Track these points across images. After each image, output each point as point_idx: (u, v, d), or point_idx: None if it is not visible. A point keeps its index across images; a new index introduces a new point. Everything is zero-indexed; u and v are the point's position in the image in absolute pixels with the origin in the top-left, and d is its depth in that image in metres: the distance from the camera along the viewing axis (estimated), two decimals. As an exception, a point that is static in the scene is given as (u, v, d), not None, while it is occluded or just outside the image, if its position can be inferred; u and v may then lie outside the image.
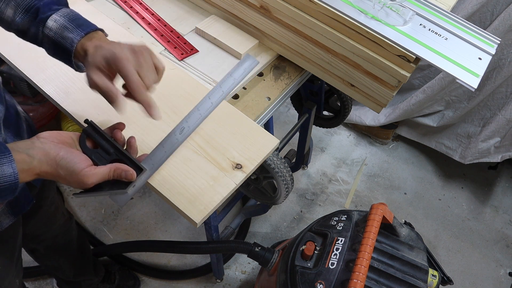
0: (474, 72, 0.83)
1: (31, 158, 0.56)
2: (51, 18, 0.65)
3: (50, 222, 1.11)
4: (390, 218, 0.97)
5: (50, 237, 1.14)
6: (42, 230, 1.11)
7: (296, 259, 0.98)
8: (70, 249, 1.25)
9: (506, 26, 1.49)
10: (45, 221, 1.09)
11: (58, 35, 0.65)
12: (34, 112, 1.70)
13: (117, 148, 0.66)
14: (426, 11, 0.95)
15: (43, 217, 1.06)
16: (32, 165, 0.56)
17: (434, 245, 1.81)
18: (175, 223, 1.77)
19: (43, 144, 0.58)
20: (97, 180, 0.60)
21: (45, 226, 1.10)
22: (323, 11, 0.89)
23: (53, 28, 0.65)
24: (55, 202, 1.11)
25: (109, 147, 0.66)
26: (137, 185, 0.65)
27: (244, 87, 1.02)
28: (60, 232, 1.17)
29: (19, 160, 0.55)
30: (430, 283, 0.94)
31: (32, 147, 0.57)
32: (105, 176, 0.61)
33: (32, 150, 0.57)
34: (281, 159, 1.06)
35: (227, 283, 1.63)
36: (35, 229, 1.07)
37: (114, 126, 0.69)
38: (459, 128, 1.90)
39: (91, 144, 0.66)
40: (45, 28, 0.65)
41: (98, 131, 0.66)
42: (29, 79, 0.90)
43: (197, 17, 1.14)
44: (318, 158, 2.07)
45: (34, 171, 0.57)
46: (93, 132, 0.66)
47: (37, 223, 1.06)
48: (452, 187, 2.02)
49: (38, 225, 1.07)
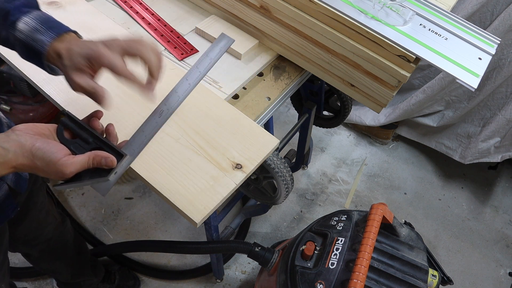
0: (474, 72, 0.83)
1: (6, 151, 0.55)
2: (22, 20, 0.64)
3: (42, 227, 1.10)
4: (390, 218, 0.97)
5: (43, 241, 1.13)
6: (34, 235, 1.10)
7: (296, 259, 0.98)
8: (66, 252, 1.24)
9: (506, 26, 1.49)
10: (36, 226, 1.08)
11: (29, 38, 0.63)
12: (34, 112, 1.70)
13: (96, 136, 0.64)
14: (426, 11, 0.95)
15: (33, 222, 1.05)
16: (7, 158, 0.55)
17: (434, 245, 1.81)
18: (175, 223, 1.77)
19: (18, 136, 0.57)
20: (76, 169, 0.58)
21: (36, 230, 1.09)
22: (323, 11, 0.89)
23: (24, 31, 0.63)
24: (45, 207, 1.10)
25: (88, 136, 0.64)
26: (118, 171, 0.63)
27: (244, 87, 1.02)
28: (54, 235, 1.16)
29: None
30: (430, 283, 0.94)
31: (7, 140, 0.56)
32: (84, 165, 0.59)
33: (6, 143, 0.55)
34: (281, 159, 1.06)
35: (227, 283, 1.63)
36: (25, 234, 1.07)
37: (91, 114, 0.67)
38: (459, 128, 1.90)
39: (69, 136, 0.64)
40: (16, 31, 0.64)
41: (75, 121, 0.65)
42: (29, 79, 0.90)
43: (197, 17, 1.14)
44: (318, 158, 2.07)
45: (10, 164, 0.55)
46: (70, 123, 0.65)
47: (27, 228, 1.05)
48: (452, 187, 2.02)
49: (28, 230, 1.06)
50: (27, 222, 1.03)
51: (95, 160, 0.60)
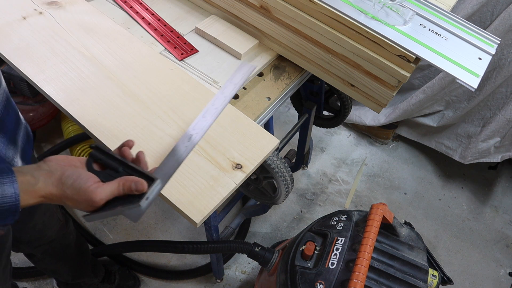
0: (474, 72, 0.83)
1: (36, 179, 0.55)
2: None
3: (45, 229, 1.10)
4: (390, 218, 0.97)
5: (46, 242, 1.14)
6: (37, 237, 1.10)
7: (296, 259, 0.98)
8: (68, 253, 1.25)
9: (506, 26, 1.49)
10: (39, 228, 1.08)
11: None
12: (34, 112, 1.70)
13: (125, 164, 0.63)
14: (426, 11, 0.95)
15: (37, 224, 1.06)
16: (37, 187, 0.55)
17: (434, 245, 1.81)
18: (175, 223, 1.77)
19: (49, 166, 0.57)
20: (106, 195, 0.57)
21: (39, 232, 1.09)
22: (323, 11, 0.89)
23: None
24: (50, 209, 1.10)
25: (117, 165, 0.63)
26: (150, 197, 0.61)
27: (244, 87, 1.02)
28: (57, 237, 1.16)
29: (23, 181, 0.54)
30: (430, 283, 0.94)
31: (38, 169, 0.56)
32: (114, 191, 0.58)
33: (37, 172, 0.56)
34: (281, 159, 1.06)
35: (227, 283, 1.63)
36: (29, 236, 1.07)
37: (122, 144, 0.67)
38: (459, 128, 1.90)
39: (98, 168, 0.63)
40: None
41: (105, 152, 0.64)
42: (29, 79, 0.90)
43: (197, 17, 1.14)
44: (318, 158, 2.07)
45: (39, 193, 0.55)
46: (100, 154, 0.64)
47: (31, 230, 1.05)
48: (452, 187, 2.02)
49: (32, 232, 1.07)
50: (32, 225, 1.04)
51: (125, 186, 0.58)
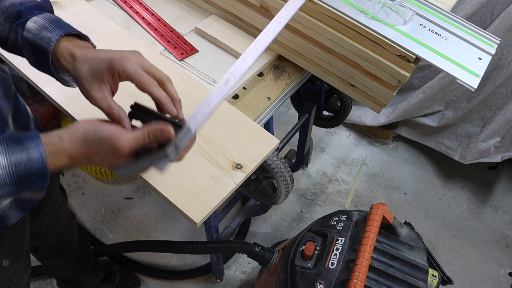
0: (474, 72, 0.83)
1: (61, 140, 0.53)
2: (31, 20, 0.61)
3: (54, 220, 1.11)
4: (390, 218, 0.97)
5: (54, 235, 1.15)
6: (46, 228, 1.11)
7: (296, 259, 0.98)
8: (72, 248, 1.25)
9: (506, 26, 1.49)
10: (49, 219, 1.09)
11: (36, 36, 0.59)
12: (34, 112, 1.69)
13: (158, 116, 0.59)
14: (426, 11, 0.95)
15: (47, 214, 1.06)
16: (63, 147, 0.53)
17: (434, 245, 1.81)
18: (175, 223, 1.77)
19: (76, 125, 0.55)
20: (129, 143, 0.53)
21: (49, 223, 1.10)
22: (323, 11, 0.89)
23: (32, 30, 0.60)
24: (59, 201, 1.11)
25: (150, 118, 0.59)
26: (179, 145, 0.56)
27: (244, 87, 1.02)
28: (63, 230, 1.17)
29: (49, 143, 0.52)
30: (430, 283, 0.94)
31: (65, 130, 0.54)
32: (138, 139, 0.54)
33: (63, 132, 0.53)
34: (281, 159, 1.06)
35: (227, 283, 1.63)
36: (39, 227, 1.07)
37: None
38: (459, 128, 1.90)
39: None
40: (24, 30, 0.60)
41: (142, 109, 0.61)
42: (29, 79, 0.90)
43: (197, 17, 1.14)
44: (318, 158, 2.07)
45: (65, 152, 0.53)
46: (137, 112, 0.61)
47: (41, 220, 1.06)
48: (452, 187, 2.02)
49: (42, 223, 1.07)
50: (42, 214, 1.04)
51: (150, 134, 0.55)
